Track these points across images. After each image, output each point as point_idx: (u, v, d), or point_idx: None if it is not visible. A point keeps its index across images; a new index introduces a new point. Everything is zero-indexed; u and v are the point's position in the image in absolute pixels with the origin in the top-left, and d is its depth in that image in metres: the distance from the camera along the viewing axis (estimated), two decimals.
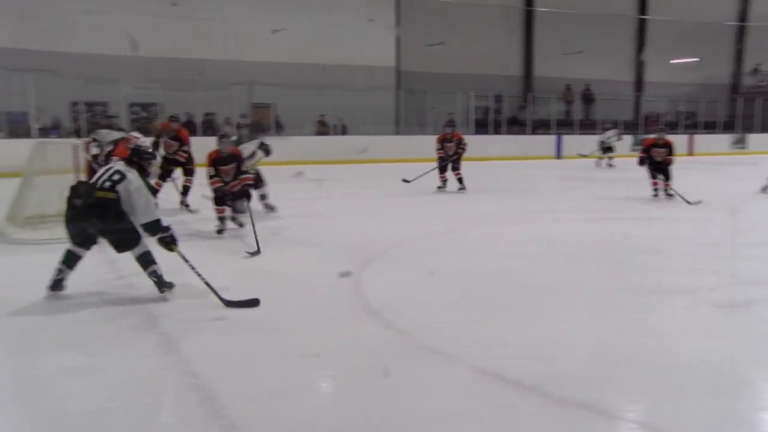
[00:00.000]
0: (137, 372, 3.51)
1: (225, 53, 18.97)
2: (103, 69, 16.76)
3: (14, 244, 6.83)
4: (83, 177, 7.30)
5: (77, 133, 16.44)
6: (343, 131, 20.26)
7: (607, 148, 18.17)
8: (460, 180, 11.64)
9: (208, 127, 18.23)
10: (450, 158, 11.66)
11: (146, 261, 4.77)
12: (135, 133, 8.06)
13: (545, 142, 21.94)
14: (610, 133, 18.49)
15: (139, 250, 4.77)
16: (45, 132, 15.97)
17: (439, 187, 11.72)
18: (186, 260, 4.84)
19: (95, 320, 4.39)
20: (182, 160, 9.27)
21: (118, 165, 4.85)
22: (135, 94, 17.99)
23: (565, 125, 23.62)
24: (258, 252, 6.44)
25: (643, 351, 3.85)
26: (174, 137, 9.24)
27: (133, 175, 4.76)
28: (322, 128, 20.10)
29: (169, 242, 4.79)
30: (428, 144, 19.17)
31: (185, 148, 9.30)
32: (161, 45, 17.93)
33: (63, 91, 16.13)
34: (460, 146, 11.66)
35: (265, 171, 9.10)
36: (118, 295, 4.92)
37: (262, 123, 19.08)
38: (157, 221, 4.76)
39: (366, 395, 3.23)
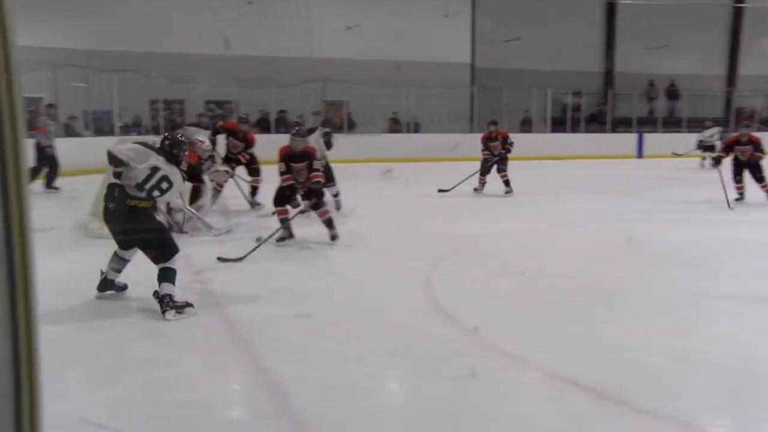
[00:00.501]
0: (208, 366, 3.63)
1: (299, 51, 19.30)
2: (181, 67, 17.36)
3: (98, 238, 7.15)
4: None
5: (156, 131, 17.10)
6: (416, 129, 20.27)
7: (708, 147, 17.24)
8: (506, 182, 11.04)
9: (281, 124, 18.58)
10: (495, 158, 11.09)
11: (168, 277, 4.47)
12: (200, 137, 8.14)
13: (626, 140, 21.31)
14: (712, 131, 17.56)
15: (170, 264, 4.51)
16: (126, 129, 16.69)
17: (476, 189, 11.17)
18: (179, 228, 5.63)
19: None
20: (243, 161, 9.39)
21: (163, 167, 4.58)
22: (211, 92, 18.54)
23: (647, 123, 22.88)
24: (240, 260, 5.94)
25: (726, 360, 3.71)
26: (241, 138, 9.34)
27: (177, 179, 4.68)
28: (395, 126, 20.17)
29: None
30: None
31: (250, 150, 9.37)
32: (237, 43, 18.41)
33: (143, 90, 16.79)
34: (505, 145, 11.09)
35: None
36: (191, 290, 5.09)
37: (333, 120, 19.35)
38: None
39: (436, 397, 3.24)
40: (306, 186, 6.96)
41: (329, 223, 6.99)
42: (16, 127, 1.00)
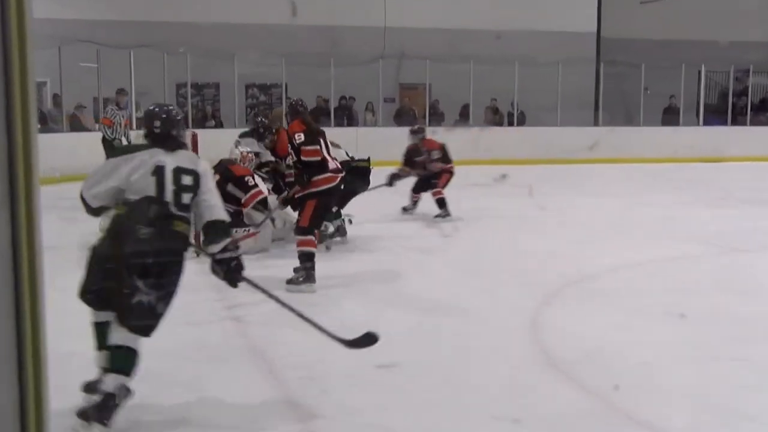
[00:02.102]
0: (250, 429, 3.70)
1: (368, 18, 19.47)
2: (214, 42, 17.70)
3: None
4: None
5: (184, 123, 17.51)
6: (520, 121, 20.09)
7: None
8: (438, 203, 10.28)
9: (343, 115, 18.73)
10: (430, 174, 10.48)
11: (130, 364, 3.66)
12: (248, 150, 8.21)
13: None
14: None
15: (138, 342, 3.72)
16: None
17: (405, 209, 10.66)
18: (271, 295, 4.41)
19: (201, 363, 4.65)
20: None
21: (168, 160, 3.86)
22: (253, 73, 18.85)
23: None
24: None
25: None
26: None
27: (195, 161, 4.03)
28: (492, 116, 20.03)
29: (236, 268, 3.96)
30: (638, 140, 18.82)
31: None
32: (287, 9, 18.74)
33: (167, 71, 17.18)
34: (432, 159, 10.39)
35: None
36: (224, 330, 5.19)
37: (410, 108, 19.34)
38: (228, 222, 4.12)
39: None
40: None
41: (303, 258, 6.36)
42: (27, 126, 1.04)
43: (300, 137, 6.51)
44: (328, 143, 6.86)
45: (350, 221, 9.04)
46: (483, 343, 5.06)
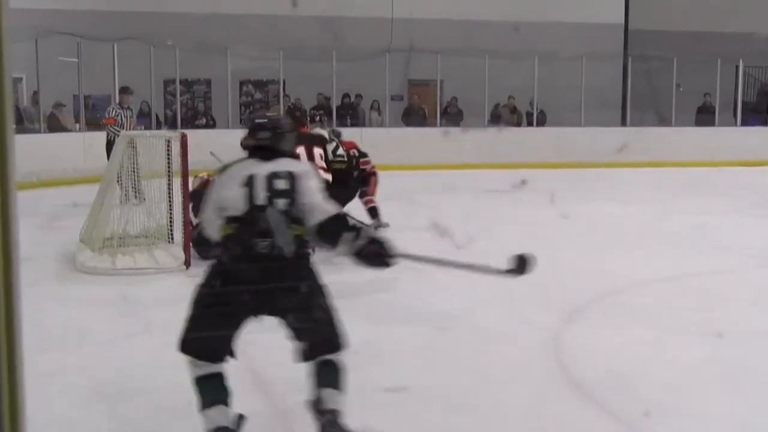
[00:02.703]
0: None
1: (373, 8, 19.52)
2: (206, 34, 17.76)
3: (90, 273, 7.37)
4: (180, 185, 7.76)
5: (171, 123, 17.53)
6: (540, 120, 20.07)
7: None
8: (370, 212, 10.00)
9: (346, 114, 18.69)
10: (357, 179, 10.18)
11: (339, 378, 3.74)
12: None
13: None
14: None
15: (342, 352, 3.77)
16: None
17: None
18: (420, 258, 4.16)
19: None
20: None
21: (260, 170, 3.68)
22: (247, 69, 18.87)
23: None
24: None
25: None
26: None
27: (298, 165, 3.98)
28: (510, 116, 20.01)
29: (377, 252, 3.68)
30: (669, 141, 18.78)
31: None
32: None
33: (154, 66, 17.22)
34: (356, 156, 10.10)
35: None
36: None
37: (420, 106, 19.36)
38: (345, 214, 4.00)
39: None
40: None
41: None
42: (3, 126, 1.04)
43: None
44: (314, 149, 6.96)
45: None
46: (500, 363, 5.06)
